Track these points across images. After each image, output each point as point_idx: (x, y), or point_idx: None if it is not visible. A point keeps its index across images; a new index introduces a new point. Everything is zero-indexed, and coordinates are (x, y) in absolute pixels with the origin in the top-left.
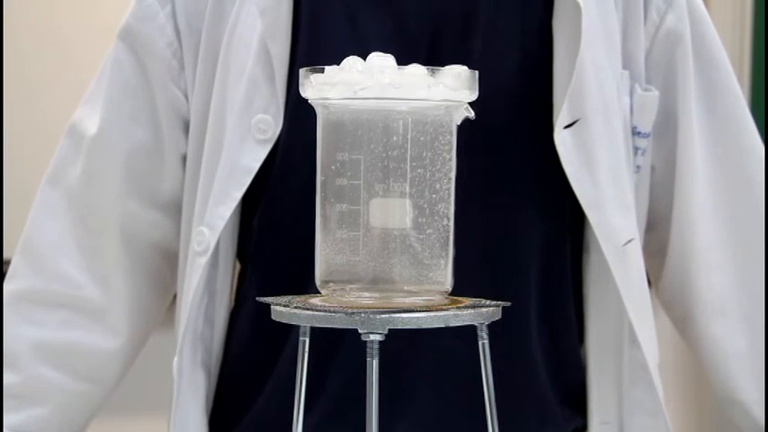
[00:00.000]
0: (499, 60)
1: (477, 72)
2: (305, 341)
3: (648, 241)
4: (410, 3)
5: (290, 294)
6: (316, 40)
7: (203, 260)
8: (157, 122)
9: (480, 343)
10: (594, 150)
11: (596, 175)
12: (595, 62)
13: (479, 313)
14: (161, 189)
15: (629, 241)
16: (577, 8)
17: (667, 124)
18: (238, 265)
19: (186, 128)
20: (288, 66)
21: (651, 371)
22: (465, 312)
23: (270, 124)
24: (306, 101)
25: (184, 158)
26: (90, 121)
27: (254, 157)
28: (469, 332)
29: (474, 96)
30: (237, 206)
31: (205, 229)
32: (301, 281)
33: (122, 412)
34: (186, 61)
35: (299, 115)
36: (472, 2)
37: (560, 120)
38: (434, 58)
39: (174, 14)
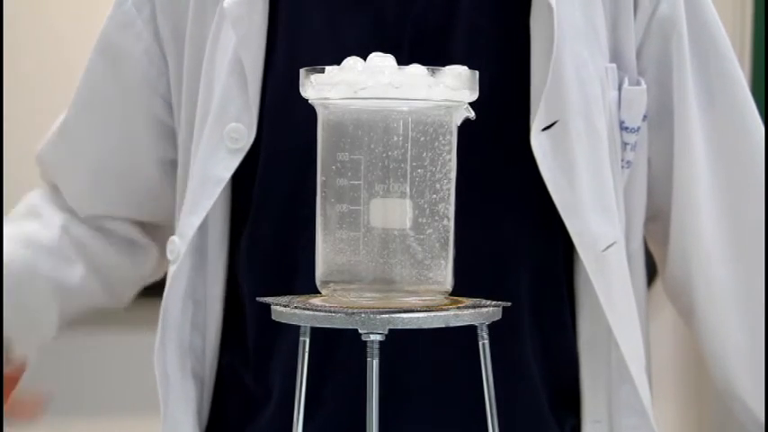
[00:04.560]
0: (480, 63)
1: (477, 72)
2: (305, 341)
3: (653, 231)
4: (390, 6)
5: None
6: (294, 46)
7: (173, 268)
8: (130, 130)
9: (480, 343)
10: (573, 153)
11: (575, 180)
12: (576, 59)
13: (479, 313)
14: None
15: (610, 246)
16: (550, 7)
17: (663, 116)
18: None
19: (167, 133)
20: (262, 74)
21: (633, 372)
22: (465, 312)
23: (242, 133)
24: (284, 108)
25: (163, 163)
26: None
27: (226, 167)
28: (467, 336)
29: (474, 96)
30: (227, 216)
31: (176, 239)
32: (289, 285)
33: (122, 412)
34: (170, 66)
35: (277, 123)
36: (452, 5)
37: (537, 122)
38: (415, 61)
39: (153, 18)
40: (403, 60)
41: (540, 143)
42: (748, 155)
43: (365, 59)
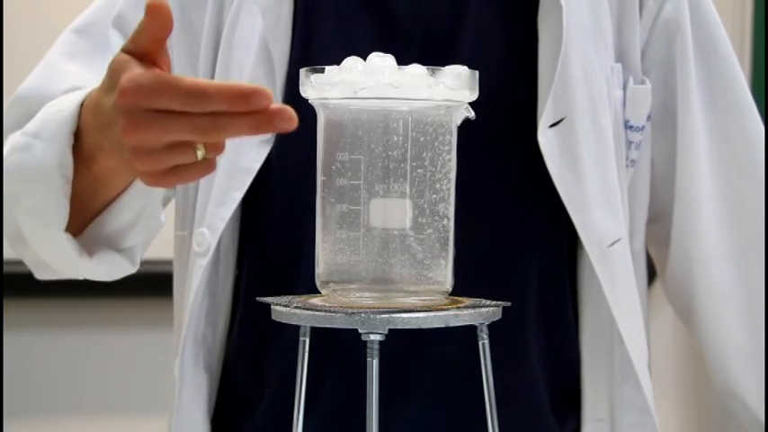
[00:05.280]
0: (488, 61)
1: (477, 72)
2: (305, 341)
3: (654, 232)
4: (400, 5)
5: (277, 295)
6: (307, 42)
7: (204, 261)
8: None
9: (480, 343)
10: (580, 149)
11: (581, 176)
12: (583, 57)
13: (479, 313)
14: None
15: (615, 242)
16: (560, 6)
17: (666, 117)
18: None
19: None
20: (287, 66)
21: (637, 368)
22: (465, 312)
23: None
24: (298, 102)
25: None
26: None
27: (255, 158)
28: (467, 336)
29: (474, 96)
30: (238, 208)
31: (206, 231)
32: (290, 282)
33: (123, 412)
34: (174, 53)
35: None
36: (461, 3)
37: (544, 119)
38: (425, 59)
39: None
40: (413, 58)
41: (547, 139)
42: (748, 156)
43: None
